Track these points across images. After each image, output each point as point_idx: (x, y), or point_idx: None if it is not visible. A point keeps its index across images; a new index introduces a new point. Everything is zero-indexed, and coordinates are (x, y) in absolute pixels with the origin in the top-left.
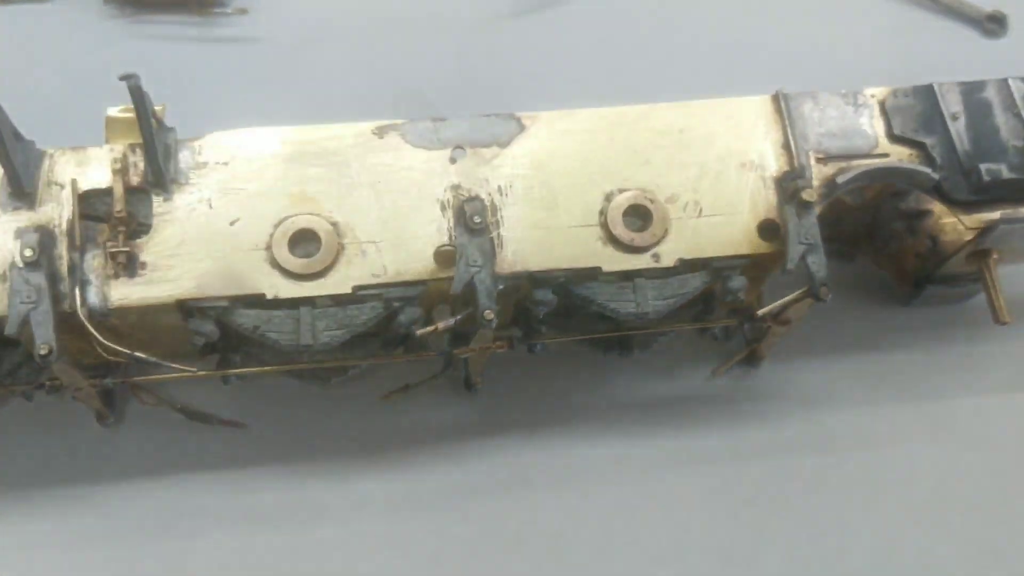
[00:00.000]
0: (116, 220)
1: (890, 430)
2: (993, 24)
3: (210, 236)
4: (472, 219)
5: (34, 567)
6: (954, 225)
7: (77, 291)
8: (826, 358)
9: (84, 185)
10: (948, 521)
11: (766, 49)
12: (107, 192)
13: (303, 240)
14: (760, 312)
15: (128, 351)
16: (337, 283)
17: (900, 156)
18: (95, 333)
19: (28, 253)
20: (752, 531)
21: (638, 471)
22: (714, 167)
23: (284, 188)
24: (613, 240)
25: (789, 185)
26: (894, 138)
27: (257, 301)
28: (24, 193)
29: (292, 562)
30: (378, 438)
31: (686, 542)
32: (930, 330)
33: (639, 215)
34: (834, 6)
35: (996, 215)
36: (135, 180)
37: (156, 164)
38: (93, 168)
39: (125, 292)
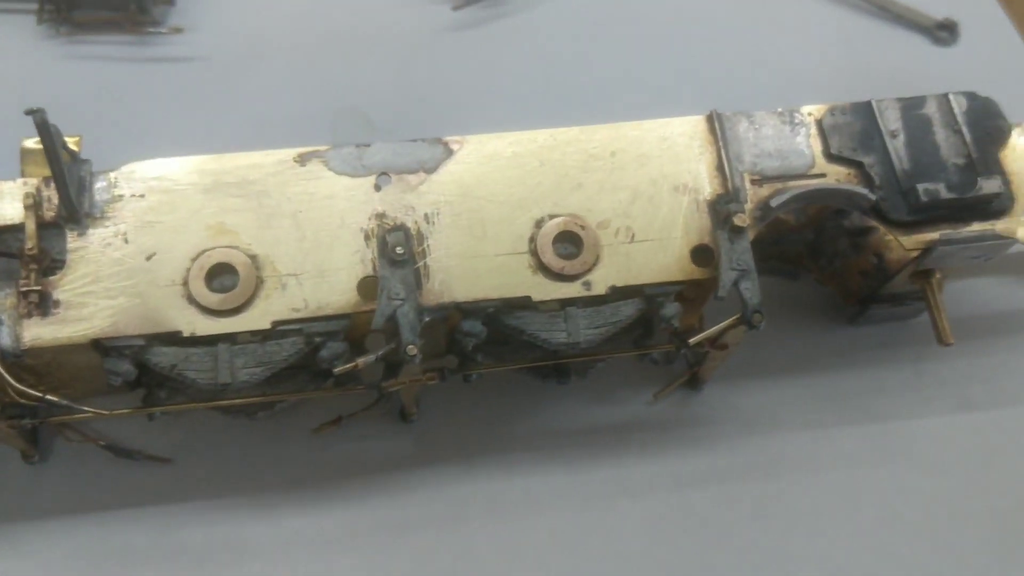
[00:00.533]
0: (28, 257)
1: (835, 452)
2: (944, 32)
3: (126, 272)
4: (394, 250)
5: None
6: None
7: None
8: (769, 379)
9: None
10: (894, 543)
11: (712, 63)
12: (20, 228)
13: (220, 274)
14: (692, 341)
15: (39, 394)
16: (255, 318)
17: (837, 176)
18: (7, 376)
19: None
20: (696, 558)
21: (579, 500)
22: (647, 191)
23: (202, 220)
24: (543, 268)
25: (722, 209)
26: (831, 157)
27: (174, 339)
28: None
29: None
30: (310, 472)
31: (629, 571)
32: (876, 350)
33: (570, 242)
34: (781, 16)
35: (935, 236)
36: (49, 215)
37: (68, 199)
38: (6, 203)
39: (38, 332)
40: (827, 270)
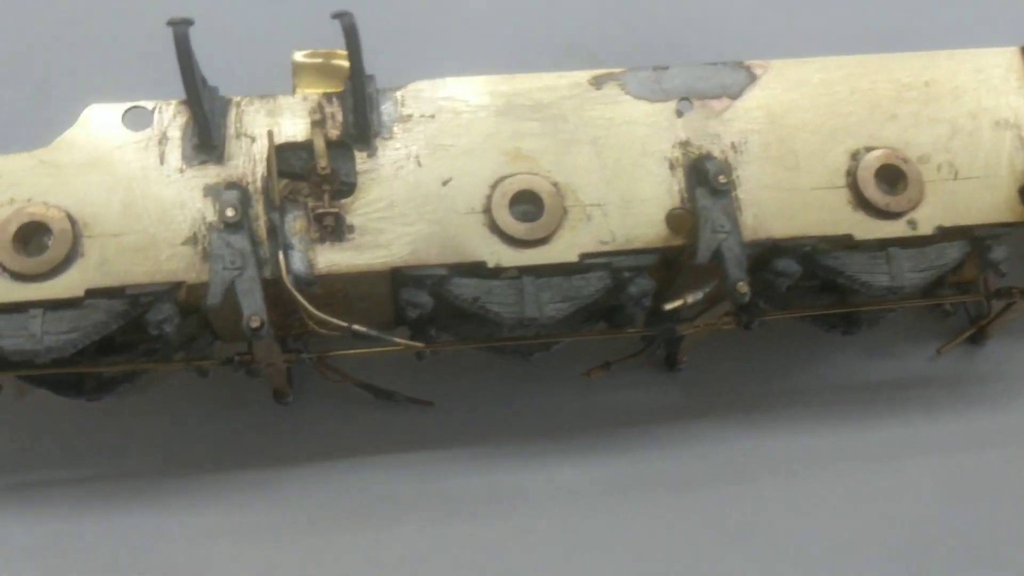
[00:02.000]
0: (318, 178)
1: None
2: None
3: (421, 197)
4: (716, 179)
5: (211, 559)
6: None
7: (281, 256)
8: None
9: (277, 138)
10: None
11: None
12: (303, 146)
13: (521, 202)
14: None
15: (345, 324)
16: (562, 250)
17: None
18: (305, 304)
19: (230, 213)
20: (989, 516)
21: (865, 459)
22: (966, 124)
23: (497, 144)
24: (864, 204)
25: None
26: None
27: (477, 270)
28: (211, 146)
29: (491, 551)
30: (578, 419)
31: (924, 531)
32: None
33: (890, 177)
34: None
35: None
36: (333, 133)
37: (364, 116)
38: (285, 119)
39: (333, 258)
40: None
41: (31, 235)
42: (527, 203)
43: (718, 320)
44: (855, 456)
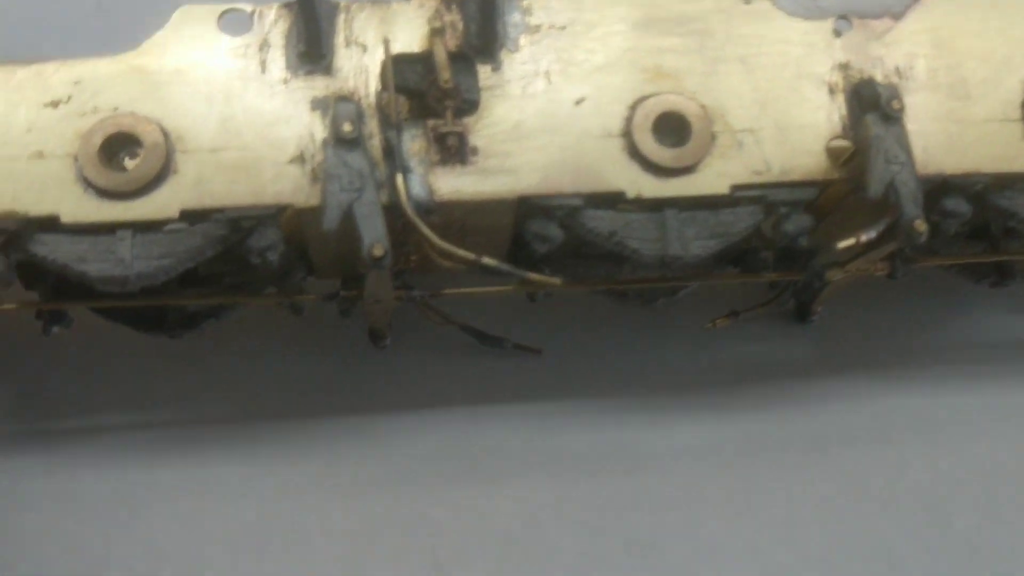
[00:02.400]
0: (440, 92)
1: None
2: None
3: (552, 118)
4: (890, 104)
5: (300, 513)
6: None
7: (400, 179)
8: None
9: (392, 47)
10: None
11: None
12: (420, 58)
13: (664, 126)
14: None
15: (473, 256)
16: (711, 181)
17: None
18: (429, 233)
19: (347, 128)
20: None
21: (1009, 419)
22: None
23: (636, 61)
24: None
25: None
26: None
27: (614, 200)
28: (319, 55)
29: (604, 514)
30: (701, 373)
31: None
32: None
33: None
34: None
35: None
36: (453, 44)
37: (492, 25)
38: (399, 26)
39: (456, 183)
40: None
41: (118, 148)
42: (668, 127)
43: (872, 265)
44: (1001, 417)
